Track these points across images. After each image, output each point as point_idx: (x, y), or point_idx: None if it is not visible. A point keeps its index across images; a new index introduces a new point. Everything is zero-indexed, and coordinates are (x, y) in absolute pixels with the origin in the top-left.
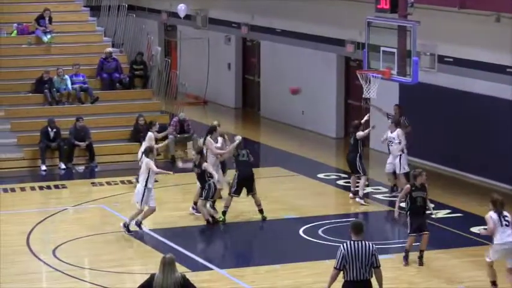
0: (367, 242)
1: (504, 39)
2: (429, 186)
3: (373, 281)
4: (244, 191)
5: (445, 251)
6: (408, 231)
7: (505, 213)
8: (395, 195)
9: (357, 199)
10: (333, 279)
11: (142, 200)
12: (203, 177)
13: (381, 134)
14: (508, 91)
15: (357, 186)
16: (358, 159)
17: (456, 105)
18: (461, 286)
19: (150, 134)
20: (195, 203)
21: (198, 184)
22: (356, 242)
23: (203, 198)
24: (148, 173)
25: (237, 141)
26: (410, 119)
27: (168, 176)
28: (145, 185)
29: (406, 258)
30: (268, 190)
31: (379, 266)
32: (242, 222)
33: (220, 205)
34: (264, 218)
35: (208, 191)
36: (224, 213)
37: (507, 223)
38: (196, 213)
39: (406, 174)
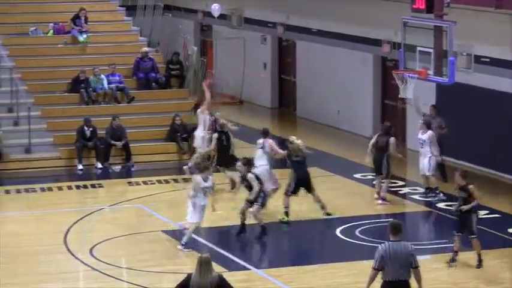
0: (405, 243)
1: None
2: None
3: (412, 281)
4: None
5: (484, 252)
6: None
7: None
8: (430, 195)
9: (379, 201)
10: (372, 279)
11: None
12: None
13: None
14: None
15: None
16: (385, 159)
17: (493, 106)
18: None
19: (199, 110)
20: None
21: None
22: (394, 243)
23: (260, 205)
24: (195, 189)
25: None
26: (447, 119)
27: None
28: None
29: (452, 259)
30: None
31: (418, 266)
32: (279, 222)
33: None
34: (328, 214)
35: (264, 198)
36: (286, 213)
37: None
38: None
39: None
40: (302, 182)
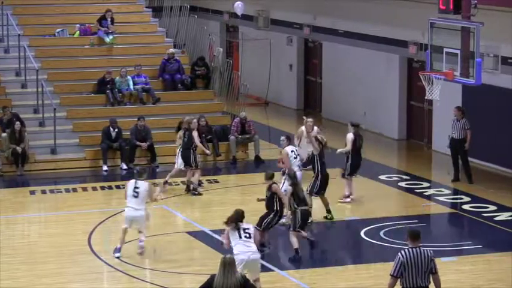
0: (424, 249)
1: None
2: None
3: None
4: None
5: (509, 254)
6: None
7: None
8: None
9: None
10: (391, 287)
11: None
12: (271, 201)
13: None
14: None
15: None
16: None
17: None
18: None
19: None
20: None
21: None
22: (414, 249)
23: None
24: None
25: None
26: (473, 121)
27: (229, 177)
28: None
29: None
30: (329, 192)
31: (437, 271)
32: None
33: None
34: (331, 218)
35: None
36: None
37: None
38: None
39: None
40: (326, 184)
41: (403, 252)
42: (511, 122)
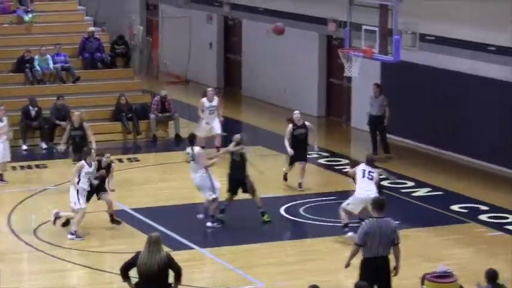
0: (388, 219)
1: (486, 17)
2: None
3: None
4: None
5: (425, 229)
6: None
7: None
8: None
9: None
10: (353, 254)
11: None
12: None
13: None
14: (489, 69)
15: None
16: None
17: (437, 84)
18: (442, 264)
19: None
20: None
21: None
22: (379, 219)
23: None
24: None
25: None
26: (392, 98)
27: (149, 155)
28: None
29: None
30: (250, 169)
31: (399, 243)
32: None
33: None
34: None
35: None
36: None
37: None
38: None
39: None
40: (234, 185)
41: (367, 221)
42: (429, 98)
